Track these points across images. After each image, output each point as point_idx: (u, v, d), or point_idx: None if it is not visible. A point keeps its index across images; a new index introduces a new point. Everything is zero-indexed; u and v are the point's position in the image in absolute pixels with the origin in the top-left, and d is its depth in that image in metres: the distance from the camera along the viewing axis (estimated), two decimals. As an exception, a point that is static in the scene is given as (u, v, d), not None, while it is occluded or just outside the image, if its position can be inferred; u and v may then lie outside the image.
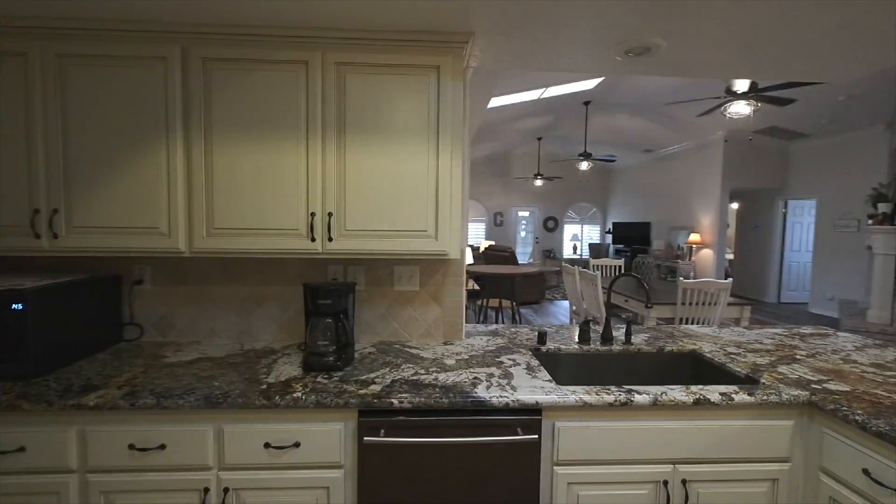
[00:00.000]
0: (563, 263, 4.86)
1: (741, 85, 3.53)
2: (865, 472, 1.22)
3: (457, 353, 1.74)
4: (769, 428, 1.40)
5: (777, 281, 8.55)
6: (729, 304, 3.82)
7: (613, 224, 11.73)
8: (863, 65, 1.76)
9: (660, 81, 5.90)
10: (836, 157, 7.21)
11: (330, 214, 1.56)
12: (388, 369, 1.55)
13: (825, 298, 7.55)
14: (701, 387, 1.43)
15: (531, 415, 1.35)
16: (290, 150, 1.53)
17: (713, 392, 1.39)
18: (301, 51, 1.51)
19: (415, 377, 1.47)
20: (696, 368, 1.82)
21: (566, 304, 8.16)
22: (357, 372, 1.51)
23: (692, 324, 3.71)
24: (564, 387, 1.41)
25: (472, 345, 1.87)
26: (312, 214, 1.55)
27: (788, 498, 1.42)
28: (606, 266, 5.93)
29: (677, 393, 1.38)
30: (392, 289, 1.91)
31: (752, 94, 3.70)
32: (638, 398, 1.35)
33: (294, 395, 1.31)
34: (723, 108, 4.00)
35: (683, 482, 1.39)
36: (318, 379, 1.44)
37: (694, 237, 8.48)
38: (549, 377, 1.50)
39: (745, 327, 2.28)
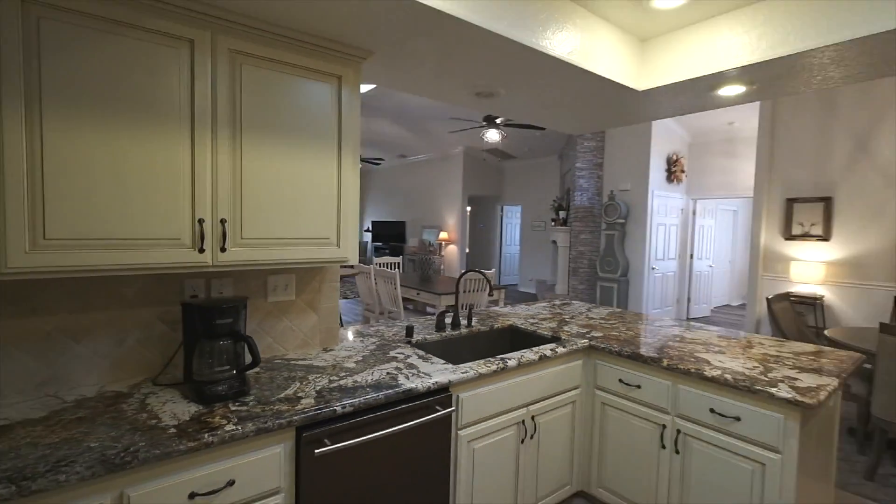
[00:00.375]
0: (357, 263, 5.18)
1: (500, 119, 4.78)
2: (620, 380, 2.11)
3: (348, 357, 1.86)
4: (571, 368, 2.18)
5: (498, 268, 11.34)
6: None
7: (372, 223, 12.74)
8: (593, 125, 2.85)
9: (421, 97, 6.95)
10: (532, 175, 10.20)
11: (223, 221, 1.43)
12: (299, 384, 1.55)
13: (527, 280, 10.56)
14: (540, 347, 2.09)
15: (443, 393, 1.67)
16: (171, 145, 1.32)
17: (546, 349, 2.06)
18: (184, 25, 1.33)
19: (334, 384, 1.55)
20: (517, 337, 2.53)
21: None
22: (268, 392, 1.46)
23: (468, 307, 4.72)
24: (460, 365, 1.80)
25: (353, 347, 2.01)
26: (200, 221, 1.38)
27: (581, 412, 2.24)
28: (386, 264, 6.59)
29: (529, 354, 1.98)
30: (265, 301, 1.83)
31: (497, 125, 5.04)
32: (510, 363, 1.87)
33: (225, 427, 1.20)
34: (481, 132, 5.24)
35: (532, 418, 2.01)
36: (233, 408, 1.33)
37: (443, 235, 10.28)
38: (443, 361, 1.85)
39: (526, 304, 3.23)
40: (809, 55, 1.69)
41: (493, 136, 5.14)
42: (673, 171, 6.82)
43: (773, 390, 1.60)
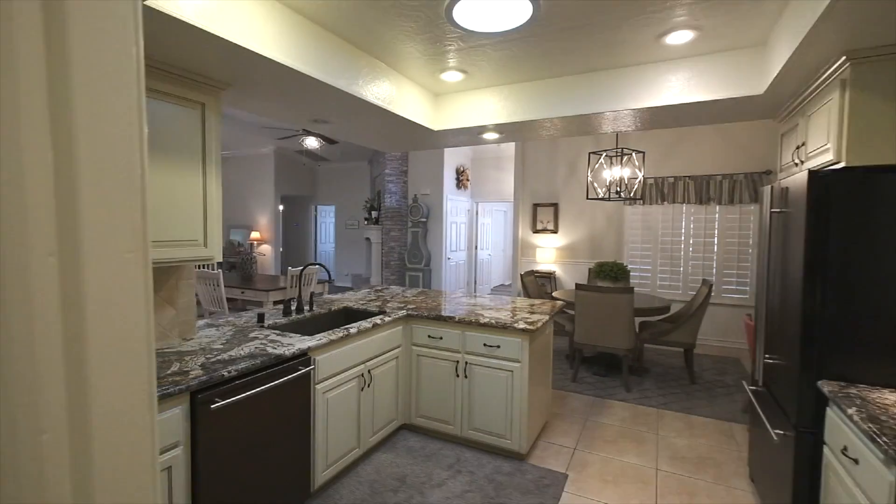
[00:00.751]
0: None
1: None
2: (429, 336, 2.89)
3: (212, 342, 2.11)
4: (395, 332, 2.85)
5: (314, 266, 11.45)
6: (318, 282, 5.39)
7: (165, 222, 11.14)
8: (402, 148, 3.58)
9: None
10: (345, 177, 10.66)
11: (100, 226, 1.57)
12: (178, 364, 1.78)
13: (343, 275, 11.00)
14: (371, 318, 2.69)
15: (304, 356, 2.12)
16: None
17: (377, 319, 2.68)
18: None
19: (213, 359, 1.84)
20: (351, 315, 3.08)
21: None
22: (158, 372, 1.67)
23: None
24: (314, 336, 2.26)
25: (212, 335, 2.23)
26: (79, 226, 1.51)
27: (402, 364, 2.94)
28: (206, 265, 6.15)
29: (366, 323, 2.56)
30: (124, 298, 1.92)
31: (315, 134, 5.39)
32: (352, 330, 2.42)
33: (132, 397, 1.43)
34: (300, 138, 5.47)
35: (369, 371, 2.61)
36: (127, 385, 1.53)
37: (255, 234, 9.84)
38: (298, 335, 2.28)
39: (353, 291, 3.78)
40: (529, 122, 2.73)
41: (311, 142, 5.46)
42: (461, 179, 8.29)
43: (516, 325, 2.58)
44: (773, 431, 1.87)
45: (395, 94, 2.53)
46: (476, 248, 9.06)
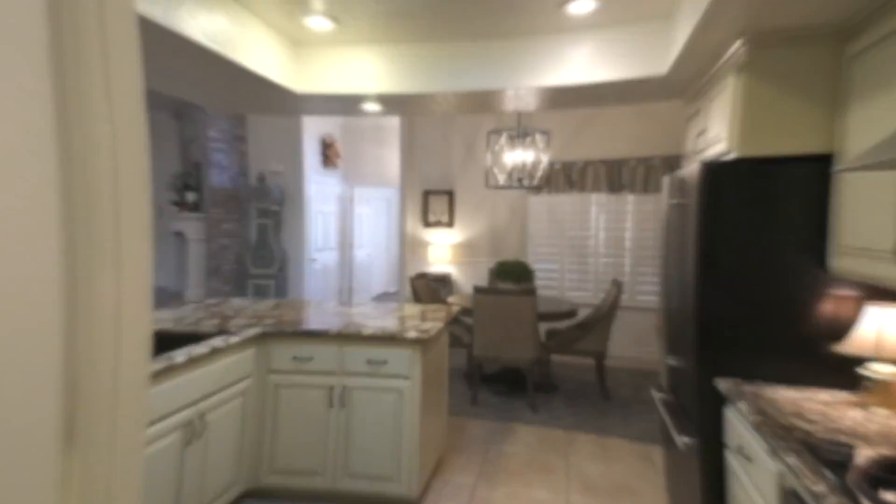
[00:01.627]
0: None
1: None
2: (294, 357, 2.88)
3: None
4: (243, 357, 2.79)
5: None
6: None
7: None
8: (251, 110, 3.48)
9: None
10: (158, 146, 9.75)
11: None
12: None
13: (158, 286, 10.11)
14: (209, 341, 2.59)
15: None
16: None
17: (218, 341, 2.60)
18: None
19: None
20: (170, 340, 2.89)
21: None
22: None
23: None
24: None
25: None
26: None
27: (252, 400, 2.88)
28: None
29: (200, 348, 2.47)
30: None
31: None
32: (177, 360, 2.32)
33: None
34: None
35: (202, 416, 2.52)
36: None
37: None
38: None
39: (171, 309, 3.56)
40: (419, 95, 2.89)
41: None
42: (329, 155, 8.20)
43: (407, 334, 2.72)
44: (678, 439, 2.29)
45: (238, 35, 2.48)
46: (351, 245, 9.05)
